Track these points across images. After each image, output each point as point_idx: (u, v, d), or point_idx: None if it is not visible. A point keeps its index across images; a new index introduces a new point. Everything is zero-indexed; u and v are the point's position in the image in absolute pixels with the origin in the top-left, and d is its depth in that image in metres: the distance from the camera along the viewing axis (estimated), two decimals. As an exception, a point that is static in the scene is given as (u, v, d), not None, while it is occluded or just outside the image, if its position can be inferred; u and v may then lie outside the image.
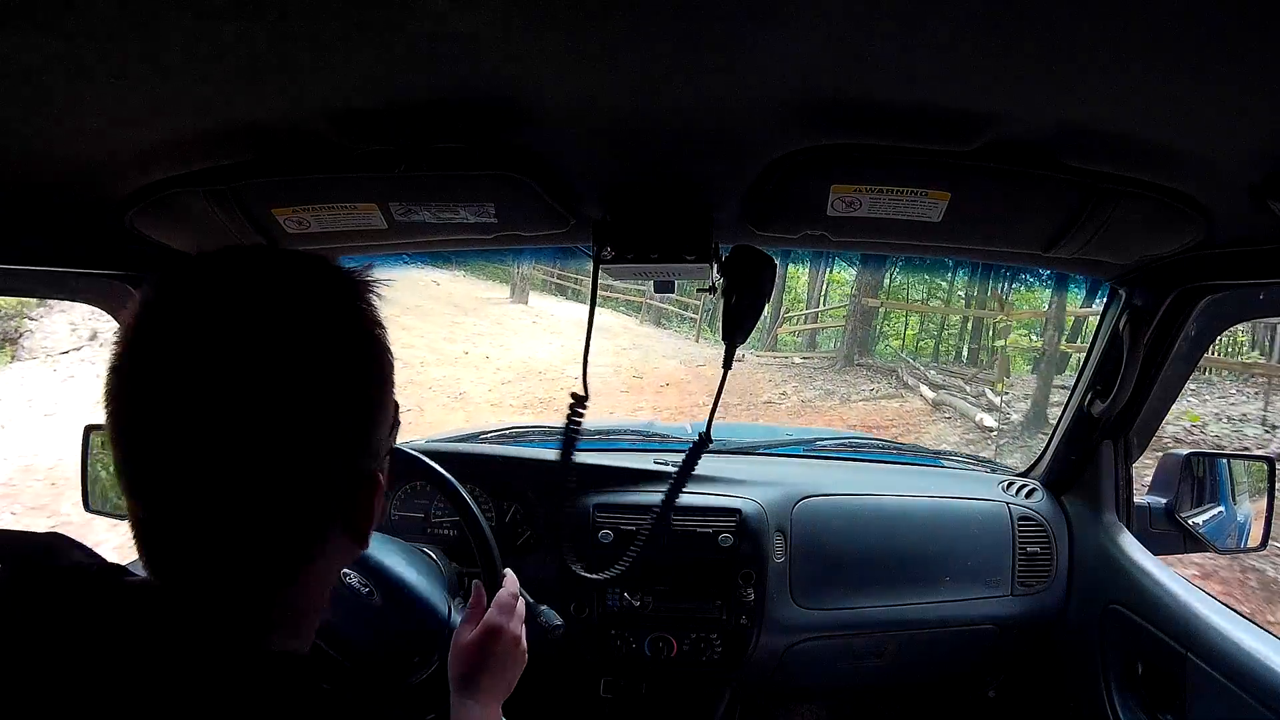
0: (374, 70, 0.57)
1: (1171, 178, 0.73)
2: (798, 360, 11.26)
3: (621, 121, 0.67)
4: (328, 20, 0.49)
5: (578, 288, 17.26)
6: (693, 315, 15.29)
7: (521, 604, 0.93)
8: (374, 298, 0.49)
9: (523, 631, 0.90)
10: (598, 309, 1.01)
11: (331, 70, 0.57)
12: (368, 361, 0.47)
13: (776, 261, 0.98)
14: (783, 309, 14.67)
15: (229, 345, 0.42)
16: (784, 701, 1.52)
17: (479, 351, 9.71)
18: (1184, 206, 0.76)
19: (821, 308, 14.78)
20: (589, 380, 1.05)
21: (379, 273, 0.51)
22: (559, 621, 1.10)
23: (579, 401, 1.03)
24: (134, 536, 0.45)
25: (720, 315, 0.99)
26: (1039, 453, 1.49)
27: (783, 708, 1.53)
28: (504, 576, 0.95)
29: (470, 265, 17.64)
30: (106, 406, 0.43)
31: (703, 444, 1.09)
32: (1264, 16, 0.45)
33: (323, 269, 0.48)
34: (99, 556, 0.47)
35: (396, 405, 0.53)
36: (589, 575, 1.20)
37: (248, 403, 0.41)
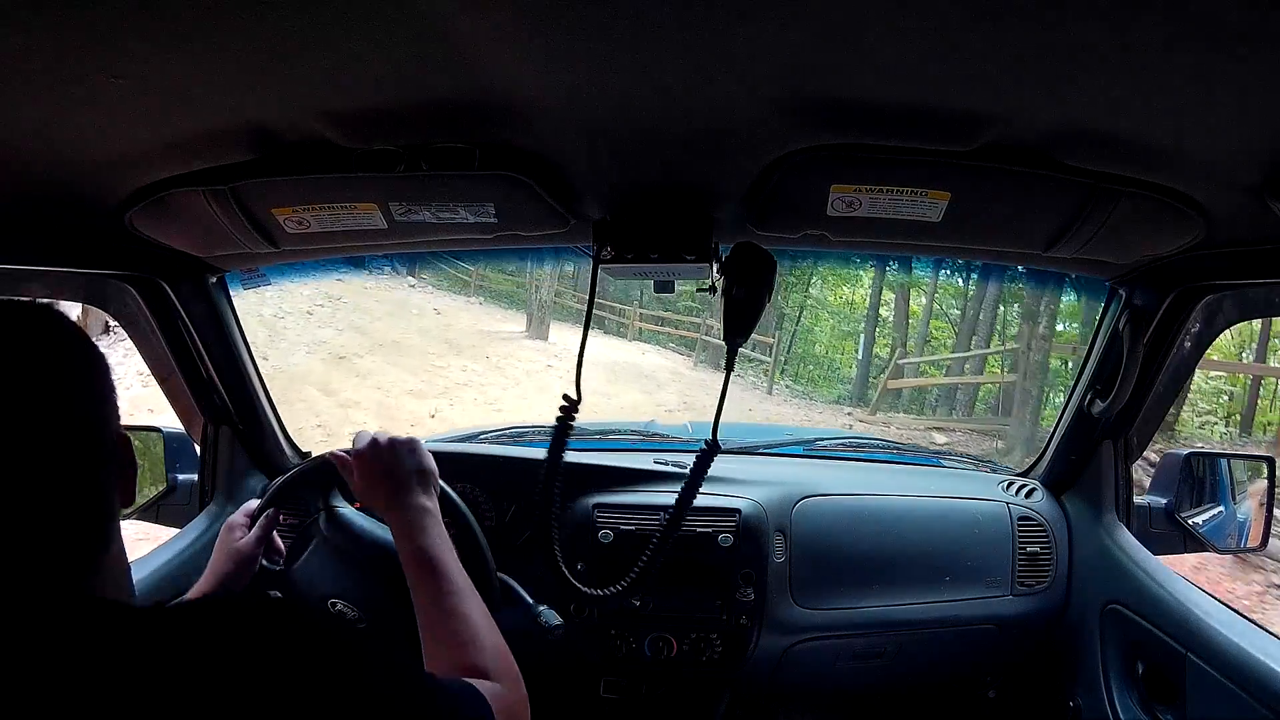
0: (374, 70, 0.57)
1: (1171, 178, 0.73)
2: (941, 441, 6.63)
3: (621, 122, 0.67)
4: (328, 20, 0.49)
5: (620, 320, 15.07)
6: (762, 357, 13.01)
7: (380, 430, 0.97)
8: (51, 328, 0.52)
9: (393, 435, 0.94)
10: (643, 343, 1.01)
11: (332, 70, 0.57)
12: (78, 391, 0.51)
13: (775, 260, 0.98)
14: (896, 354, 12.22)
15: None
16: (784, 702, 1.52)
17: (455, 411, 7.60)
18: (1184, 206, 0.76)
19: (970, 351, 12.26)
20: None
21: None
22: (559, 621, 1.10)
23: (572, 404, 1.02)
24: None
25: (796, 357, 0.99)
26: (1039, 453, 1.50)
27: (783, 708, 1.53)
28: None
29: (491, 292, 16.23)
30: None
31: (711, 452, 1.09)
32: (1264, 17, 0.45)
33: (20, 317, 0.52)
34: None
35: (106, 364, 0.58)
36: (591, 591, 1.16)
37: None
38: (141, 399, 4.54)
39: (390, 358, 9.08)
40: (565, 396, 1.02)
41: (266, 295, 9.63)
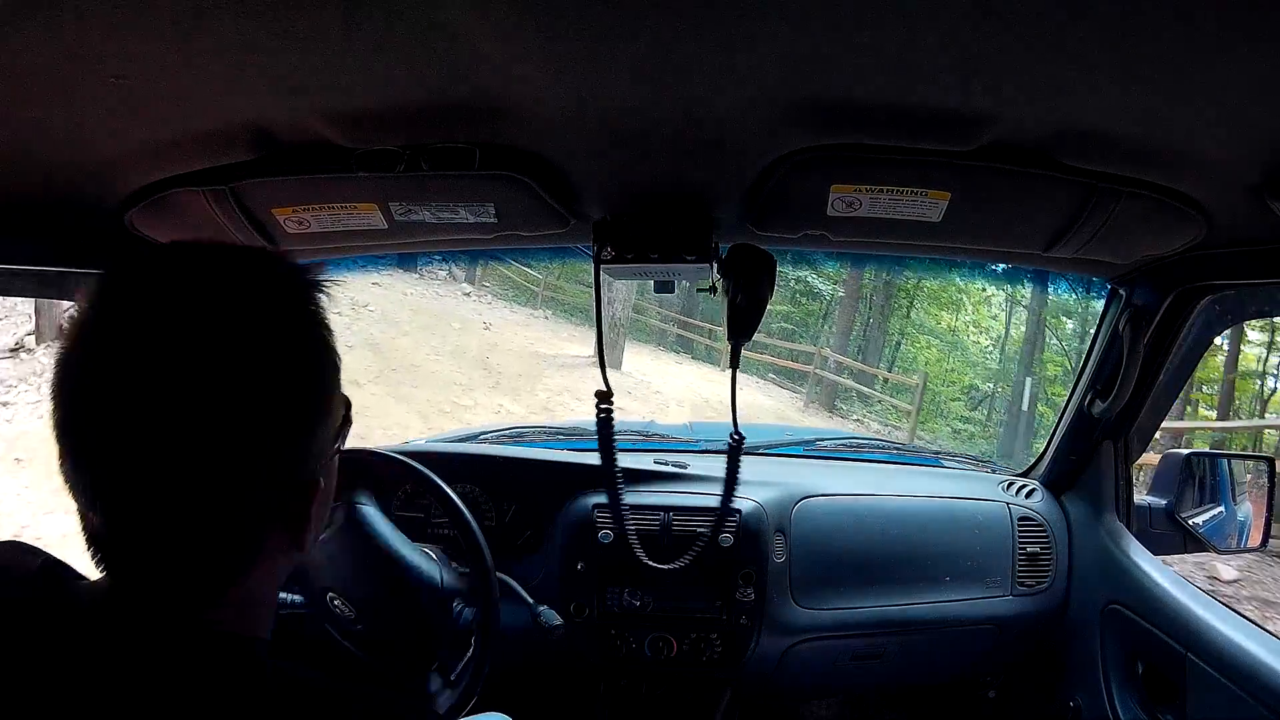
0: (374, 70, 0.57)
1: (1171, 178, 0.73)
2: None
3: (621, 122, 0.67)
4: (328, 20, 0.49)
5: (711, 344, 12.70)
6: (863, 387, 11.21)
7: None
8: (322, 298, 0.48)
9: None
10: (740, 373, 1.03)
11: (331, 70, 0.57)
12: (309, 364, 0.47)
13: (776, 260, 0.98)
14: (1189, 391, 9.70)
15: (169, 348, 0.42)
16: (784, 702, 1.52)
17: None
18: (1184, 206, 0.76)
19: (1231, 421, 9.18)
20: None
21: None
22: (559, 621, 1.10)
23: (604, 398, 1.03)
24: (83, 533, 0.45)
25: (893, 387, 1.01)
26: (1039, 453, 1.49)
27: (783, 708, 1.53)
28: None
29: (562, 306, 14.30)
30: (53, 399, 0.43)
31: (739, 447, 1.12)
32: (1263, 17, 0.45)
33: (272, 268, 0.47)
34: (53, 559, 0.49)
35: (348, 404, 0.53)
36: (658, 565, 1.20)
37: (182, 403, 0.41)
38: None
39: (400, 388, 7.26)
40: (598, 393, 1.04)
41: None
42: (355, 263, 1.16)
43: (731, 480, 1.13)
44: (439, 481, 1.08)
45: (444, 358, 8.53)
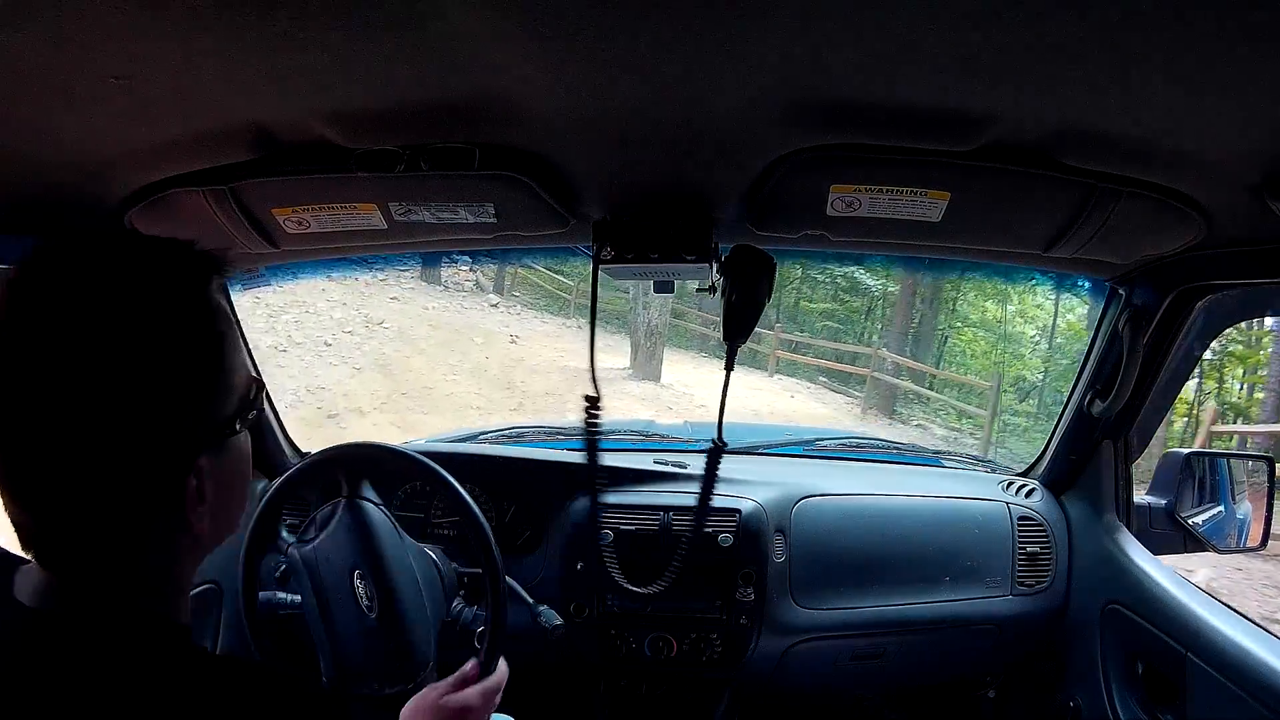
0: (374, 70, 0.57)
1: (1171, 178, 0.73)
2: None
3: (620, 122, 0.67)
4: (328, 20, 0.49)
5: (754, 347, 10.96)
6: (923, 389, 10.31)
7: (498, 698, 0.92)
8: (216, 279, 0.50)
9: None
10: (785, 377, 1.01)
11: (331, 70, 0.57)
12: (191, 346, 0.48)
13: (776, 261, 0.98)
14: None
15: (64, 329, 0.44)
16: (784, 702, 1.52)
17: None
18: (1184, 206, 0.76)
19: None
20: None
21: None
22: (559, 621, 1.10)
23: (593, 403, 1.03)
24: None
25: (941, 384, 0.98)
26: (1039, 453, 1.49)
27: (782, 708, 1.53)
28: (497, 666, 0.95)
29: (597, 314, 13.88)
30: None
31: (718, 452, 1.10)
32: (1263, 17, 0.45)
33: (165, 252, 0.49)
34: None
35: (257, 385, 0.54)
36: (637, 589, 1.20)
37: (79, 383, 0.43)
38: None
39: (408, 415, 6.80)
40: (586, 397, 1.03)
41: (279, 321, 8.01)
42: (370, 262, 1.15)
43: (709, 482, 1.12)
44: (449, 478, 1.07)
45: (462, 377, 7.99)
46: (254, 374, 0.54)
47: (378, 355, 8.25)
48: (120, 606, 0.47)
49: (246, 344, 1.31)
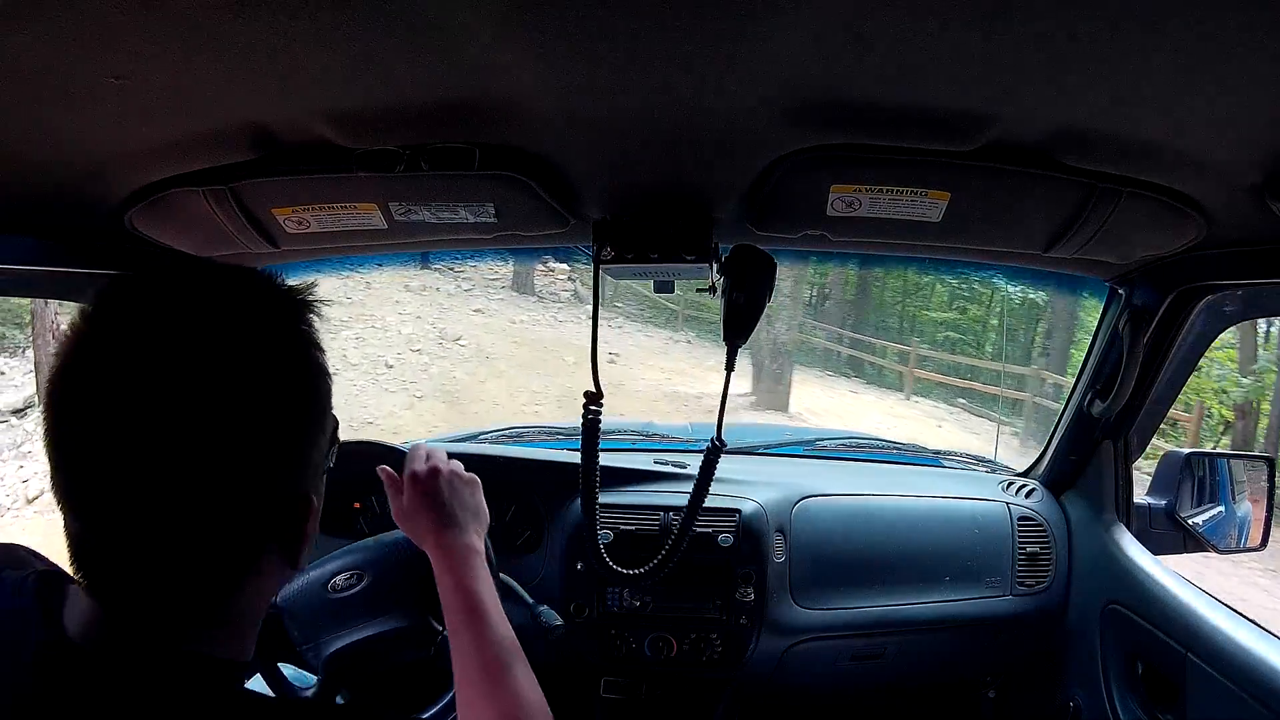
0: (374, 70, 0.57)
1: (1171, 178, 0.73)
2: None
3: (620, 122, 0.67)
4: (328, 20, 0.49)
5: (885, 364, 9.97)
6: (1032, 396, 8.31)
7: (439, 448, 0.88)
8: (314, 317, 0.49)
9: (456, 465, 0.86)
10: (926, 399, 0.98)
11: (331, 70, 0.57)
12: (302, 383, 0.48)
13: (776, 261, 0.98)
14: None
15: (164, 363, 0.42)
16: (784, 702, 1.52)
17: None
18: (1184, 206, 0.76)
19: None
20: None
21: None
22: (559, 621, 1.10)
23: (593, 399, 1.03)
24: (68, 547, 0.45)
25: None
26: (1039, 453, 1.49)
27: (782, 708, 1.53)
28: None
29: (707, 325, 11.96)
30: (45, 412, 0.43)
31: (717, 451, 1.10)
32: (1263, 16, 0.45)
33: (264, 288, 0.48)
34: (52, 564, 0.49)
35: (336, 423, 0.53)
36: (626, 571, 1.18)
37: (178, 420, 0.42)
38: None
39: None
40: (587, 393, 1.02)
41: (338, 338, 7.19)
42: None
43: (704, 482, 1.12)
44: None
45: (546, 407, 6.93)
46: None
47: (445, 380, 7.40)
48: (170, 647, 0.45)
49: None
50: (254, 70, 0.56)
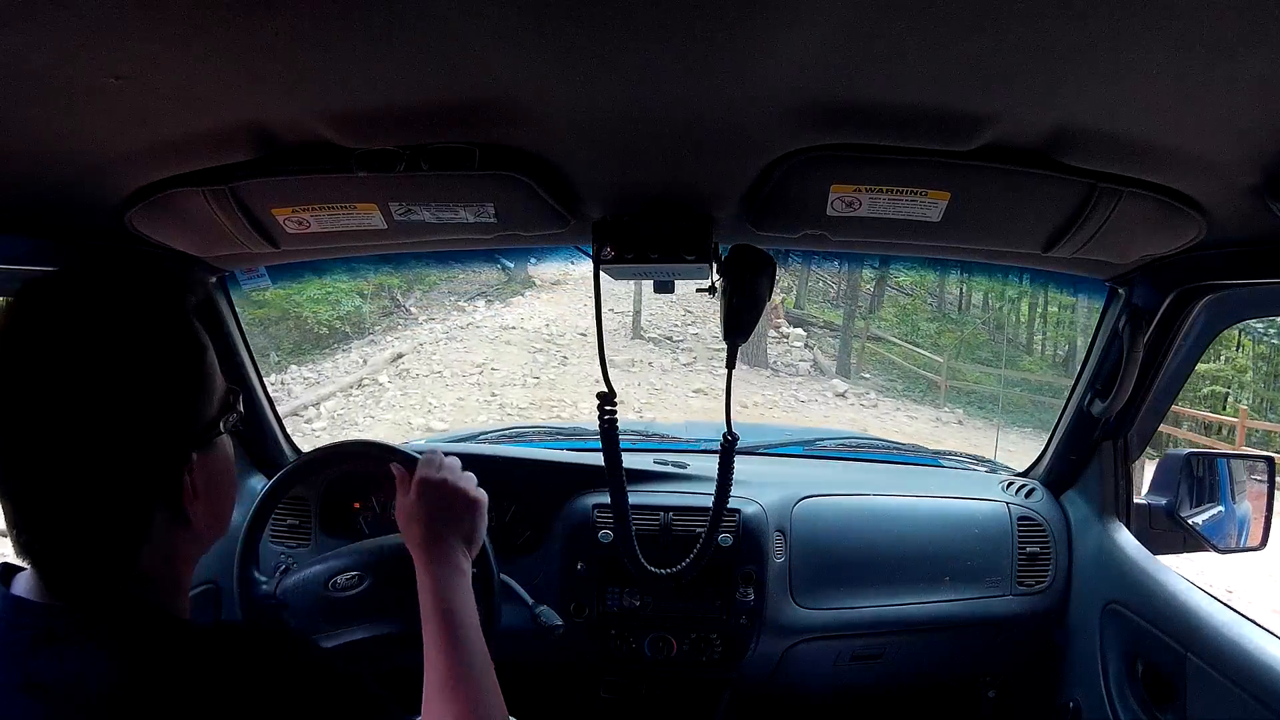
0: (374, 70, 0.57)
1: (1171, 178, 0.73)
2: None
3: (620, 122, 0.67)
4: (328, 20, 0.49)
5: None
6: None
7: (455, 460, 0.89)
8: (191, 298, 0.57)
9: (465, 481, 0.86)
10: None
11: (331, 70, 0.57)
12: (170, 357, 0.54)
13: (775, 261, 0.98)
14: None
15: (40, 349, 0.49)
16: (783, 702, 1.52)
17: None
18: (1184, 206, 0.76)
19: None
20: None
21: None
22: (559, 621, 1.10)
23: (606, 400, 1.02)
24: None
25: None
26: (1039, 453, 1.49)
27: (782, 708, 1.53)
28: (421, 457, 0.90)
29: (976, 400, 9.83)
30: None
31: (732, 445, 1.11)
32: (1263, 16, 0.45)
33: (145, 276, 0.55)
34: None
35: (235, 392, 0.60)
36: (658, 570, 1.19)
37: (57, 396, 0.48)
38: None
39: None
40: (600, 395, 1.02)
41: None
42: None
43: (725, 481, 1.12)
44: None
45: None
46: (230, 383, 0.61)
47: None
48: (117, 599, 0.51)
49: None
50: (254, 70, 0.56)
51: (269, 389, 1.38)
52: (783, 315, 12.19)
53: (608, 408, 1.05)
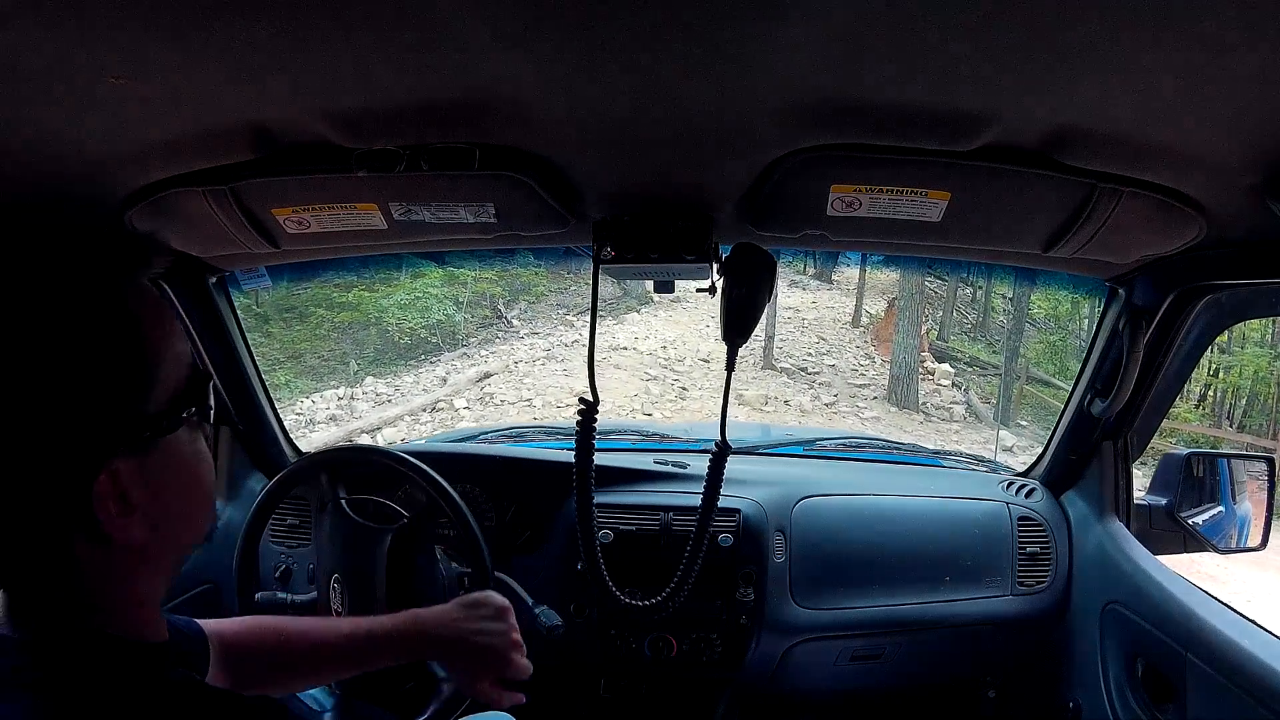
0: (374, 70, 0.57)
1: (1171, 177, 0.73)
2: None
3: (621, 122, 0.67)
4: (328, 20, 0.49)
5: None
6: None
7: (514, 626, 0.87)
8: (144, 269, 0.47)
9: (514, 632, 0.84)
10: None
11: (332, 70, 0.57)
12: (97, 334, 0.44)
13: (776, 259, 0.98)
14: None
15: None
16: (783, 702, 1.52)
17: None
18: (1184, 206, 0.76)
19: None
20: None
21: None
22: (559, 621, 1.10)
23: (589, 406, 1.02)
24: None
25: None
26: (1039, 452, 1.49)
27: (782, 708, 1.53)
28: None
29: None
30: None
31: (723, 455, 1.08)
32: (1263, 16, 0.45)
33: (80, 244, 0.46)
34: None
35: (198, 377, 0.49)
36: (640, 604, 1.15)
37: None
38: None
39: None
40: (582, 399, 1.02)
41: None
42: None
43: (712, 495, 1.10)
44: (438, 479, 1.08)
45: None
46: (199, 368, 0.50)
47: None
48: (67, 631, 0.45)
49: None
50: (254, 70, 0.56)
51: (333, 395, 1.38)
52: (928, 348, 10.02)
53: (587, 413, 1.02)
